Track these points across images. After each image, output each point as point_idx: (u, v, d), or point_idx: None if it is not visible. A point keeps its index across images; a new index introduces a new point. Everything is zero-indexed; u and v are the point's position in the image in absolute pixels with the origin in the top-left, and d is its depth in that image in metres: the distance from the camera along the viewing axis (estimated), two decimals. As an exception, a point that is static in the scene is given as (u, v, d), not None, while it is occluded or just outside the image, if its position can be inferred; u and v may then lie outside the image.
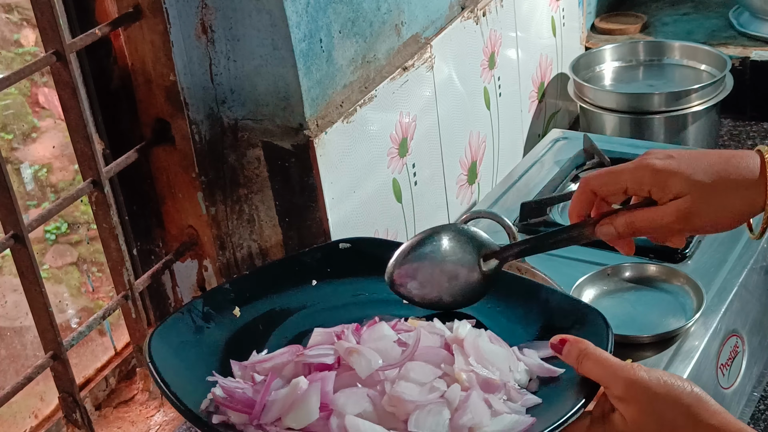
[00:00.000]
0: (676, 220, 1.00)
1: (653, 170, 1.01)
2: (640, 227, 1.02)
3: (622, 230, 1.03)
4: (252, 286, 1.20)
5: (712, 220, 1.02)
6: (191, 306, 1.15)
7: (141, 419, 1.41)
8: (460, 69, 1.73)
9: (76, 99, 1.25)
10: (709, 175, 0.99)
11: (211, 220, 1.48)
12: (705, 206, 0.99)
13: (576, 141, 1.87)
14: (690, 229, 1.03)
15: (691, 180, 0.99)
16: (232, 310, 1.16)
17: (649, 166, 1.01)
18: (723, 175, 0.99)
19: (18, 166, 1.39)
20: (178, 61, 1.38)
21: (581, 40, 2.26)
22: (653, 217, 1.02)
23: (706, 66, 2.06)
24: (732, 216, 1.02)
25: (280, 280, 1.21)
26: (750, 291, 1.50)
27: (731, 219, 1.02)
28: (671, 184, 1.00)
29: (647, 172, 1.01)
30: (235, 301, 1.17)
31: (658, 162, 1.01)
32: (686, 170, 1.00)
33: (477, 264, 1.12)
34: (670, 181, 1.00)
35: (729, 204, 1.00)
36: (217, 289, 1.22)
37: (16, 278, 1.23)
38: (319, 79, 1.40)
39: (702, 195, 0.99)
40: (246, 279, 1.24)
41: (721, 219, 1.02)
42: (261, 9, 1.33)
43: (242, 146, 1.44)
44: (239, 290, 1.19)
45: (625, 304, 1.44)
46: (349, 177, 1.47)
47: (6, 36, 1.38)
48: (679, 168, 1.00)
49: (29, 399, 1.34)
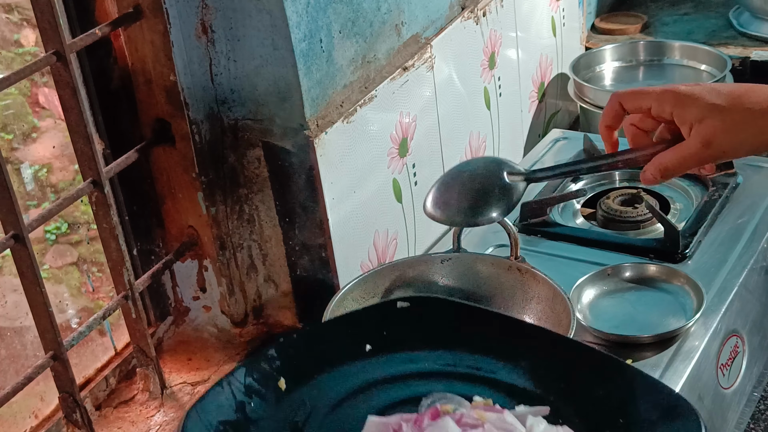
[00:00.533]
0: (701, 147, 1.04)
1: (676, 93, 1.06)
2: (671, 166, 1.07)
3: (657, 174, 1.08)
4: (299, 352, 1.06)
5: (733, 145, 1.05)
6: (232, 377, 1.01)
7: (141, 419, 1.41)
8: (461, 69, 1.73)
9: (76, 99, 1.25)
10: (727, 102, 1.04)
11: (211, 220, 1.48)
12: (723, 130, 1.03)
13: (576, 141, 1.87)
14: (715, 154, 1.06)
15: (709, 105, 1.04)
16: (278, 381, 1.03)
17: (674, 89, 1.07)
18: (739, 102, 1.04)
19: (18, 166, 1.39)
20: (178, 61, 1.38)
21: (581, 40, 2.26)
22: (680, 151, 1.06)
23: (706, 66, 2.06)
24: (749, 143, 1.05)
25: (330, 344, 1.07)
26: (750, 291, 1.50)
27: (749, 145, 1.06)
28: (691, 107, 1.05)
29: (671, 95, 1.06)
30: (281, 370, 1.04)
31: (682, 87, 1.07)
32: (706, 96, 1.05)
33: (501, 176, 1.15)
34: (691, 105, 1.05)
35: (745, 129, 1.04)
36: (260, 356, 1.06)
37: (16, 278, 1.23)
38: (319, 79, 1.40)
39: (720, 119, 1.03)
40: (293, 343, 1.08)
41: (739, 145, 1.06)
42: (261, 9, 1.33)
43: (242, 146, 1.44)
44: (285, 357, 1.05)
45: (625, 304, 1.44)
46: (349, 177, 1.47)
47: (6, 36, 1.38)
48: (701, 93, 1.05)
49: (29, 399, 1.34)
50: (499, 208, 1.13)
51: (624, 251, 1.54)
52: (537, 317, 1.28)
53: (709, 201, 1.63)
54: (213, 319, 1.56)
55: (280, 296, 1.54)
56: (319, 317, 1.24)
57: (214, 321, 1.56)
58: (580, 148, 1.82)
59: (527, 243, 1.59)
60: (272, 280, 1.53)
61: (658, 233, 1.59)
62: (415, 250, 1.66)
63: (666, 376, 1.31)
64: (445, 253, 1.36)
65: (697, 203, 1.64)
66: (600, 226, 1.65)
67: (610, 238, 1.58)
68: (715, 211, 1.60)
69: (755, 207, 1.62)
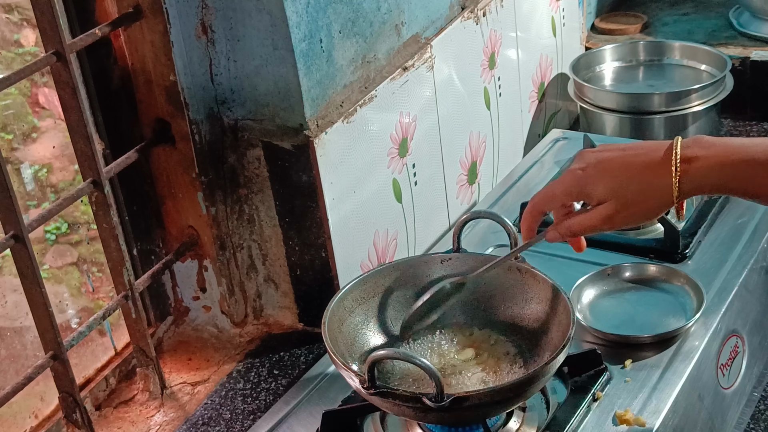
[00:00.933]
0: (602, 222, 1.13)
1: (577, 180, 1.13)
2: (577, 230, 1.16)
3: (564, 233, 1.17)
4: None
5: (634, 219, 1.14)
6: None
7: (141, 419, 1.41)
8: (460, 69, 1.73)
9: (76, 99, 1.25)
10: (626, 182, 1.10)
11: (211, 220, 1.48)
12: (624, 210, 1.11)
13: (576, 141, 1.87)
14: (616, 227, 1.14)
15: (610, 189, 1.11)
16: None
17: (574, 176, 1.13)
18: (638, 180, 1.10)
19: (18, 166, 1.39)
20: (178, 62, 1.38)
21: (581, 40, 2.26)
22: (583, 221, 1.14)
23: (706, 66, 2.06)
24: (648, 214, 1.13)
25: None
26: (750, 291, 1.50)
27: (648, 216, 1.13)
28: (593, 193, 1.12)
29: (573, 183, 1.13)
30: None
31: (580, 174, 1.13)
32: (607, 179, 1.11)
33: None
34: (593, 191, 1.12)
35: (645, 204, 1.11)
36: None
37: (16, 278, 1.23)
38: (319, 79, 1.40)
39: (621, 200, 1.11)
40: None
41: (640, 218, 1.14)
42: (261, 9, 1.33)
43: (242, 146, 1.44)
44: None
45: (625, 304, 1.44)
46: (349, 177, 1.47)
47: (6, 36, 1.38)
48: (600, 175, 1.12)
49: (29, 399, 1.34)
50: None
51: (624, 251, 1.54)
52: (537, 317, 1.28)
53: (709, 201, 1.62)
54: (213, 319, 1.56)
55: (280, 296, 1.54)
56: (319, 317, 1.24)
57: (214, 321, 1.56)
58: (580, 148, 1.81)
59: (527, 243, 1.59)
60: (272, 280, 1.53)
61: (658, 233, 1.59)
62: (415, 250, 1.66)
63: (666, 376, 1.31)
64: (445, 253, 1.36)
65: (697, 203, 1.64)
66: (600, 226, 1.64)
67: (610, 238, 1.58)
68: (715, 211, 1.60)
69: (755, 207, 1.62)
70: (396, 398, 1.12)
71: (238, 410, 1.41)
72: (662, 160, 1.08)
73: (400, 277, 1.34)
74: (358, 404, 1.28)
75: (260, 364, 1.50)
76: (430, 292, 1.29)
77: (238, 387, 1.46)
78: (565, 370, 1.29)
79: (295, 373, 1.47)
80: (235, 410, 1.41)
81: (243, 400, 1.43)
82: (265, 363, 1.50)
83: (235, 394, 1.44)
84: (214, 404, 1.43)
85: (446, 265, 1.35)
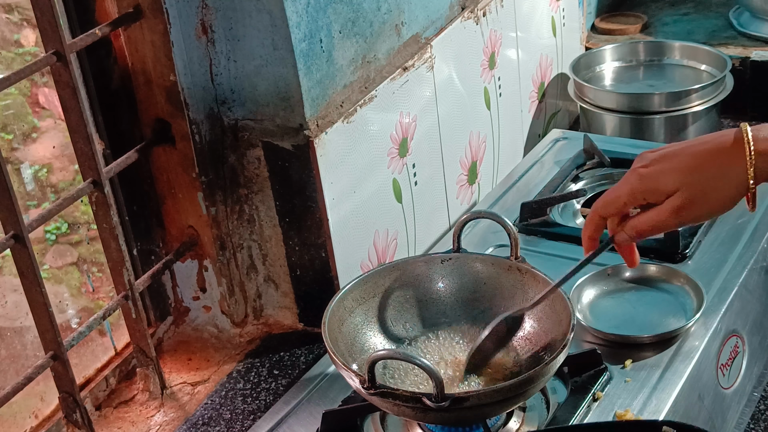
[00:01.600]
0: (672, 215, 1.07)
1: (642, 178, 1.08)
2: (644, 229, 1.10)
3: (631, 235, 1.12)
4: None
5: (706, 210, 1.08)
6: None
7: (141, 419, 1.41)
8: (461, 69, 1.73)
9: (76, 99, 1.25)
10: (696, 169, 1.05)
11: (211, 220, 1.48)
12: (696, 199, 1.06)
13: (576, 141, 1.87)
14: (687, 221, 1.09)
15: (680, 180, 1.06)
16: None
17: (638, 174, 1.08)
18: (709, 167, 1.05)
19: (18, 166, 1.39)
20: (178, 62, 1.38)
21: (581, 40, 2.26)
22: (651, 217, 1.08)
23: (707, 66, 2.06)
24: (723, 202, 1.07)
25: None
26: (750, 291, 1.50)
27: (723, 205, 1.07)
28: (662, 186, 1.07)
29: (639, 181, 1.08)
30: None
31: (644, 170, 1.08)
32: (675, 170, 1.06)
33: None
34: (660, 184, 1.07)
35: (718, 192, 1.05)
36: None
37: (16, 278, 1.23)
38: (320, 79, 1.40)
39: (692, 189, 1.05)
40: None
41: (713, 207, 1.08)
42: (261, 9, 1.33)
43: (242, 146, 1.44)
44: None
45: (625, 304, 1.44)
46: (349, 177, 1.47)
47: (6, 36, 1.38)
48: (667, 169, 1.06)
49: (29, 399, 1.34)
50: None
51: (624, 251, 1.54)
52: (537, 317, 1.28)
53: (709, 201, 1.62)
54: (213, 319, 1.56)
55: (280, 296, 1.54)
56: (318, 317, 1.24)
57: (214, 321, 1.56)
58: (580, 148, 1.81)
59: (527, 243, 1.59)
60: (272, 280, 1.53)
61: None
62: (415, 250, 1.66)
63: (666, 376, 1.31)
64: (445, 253, 1.36)
65: (697, 203, 1.64)
66: (600, 226, 1.65)
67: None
68: (715, 211, 1.60)
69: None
70: (396, 398, 1.12)
71: (238, 410, 1.41)
72: (733, 146, 1.03)
73: (400, 277, 1.34)
74: (358, 404, 1.28)
75: (260, 364, 1.50)
76: (489, 328, 1.25)
77: (238, 387, 1.46)
78: (565, 370, 1.29)
79: (295, 373, 1.47)
80: (235, 410, 1.41)
81: (243, 400, 1.43)
82: (265, 363, 1.50)
83: (235, 394, 1.44)
84: (214, 404, 1.43)
85: (446, 265, 1.35)
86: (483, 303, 1.34)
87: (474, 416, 1.17)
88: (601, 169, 1.78)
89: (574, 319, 1.20)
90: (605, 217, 1.14)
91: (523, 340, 1.29)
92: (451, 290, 1.35)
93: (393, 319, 1.33)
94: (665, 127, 1.94)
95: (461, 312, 1.34)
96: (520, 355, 1.27)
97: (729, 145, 1.04)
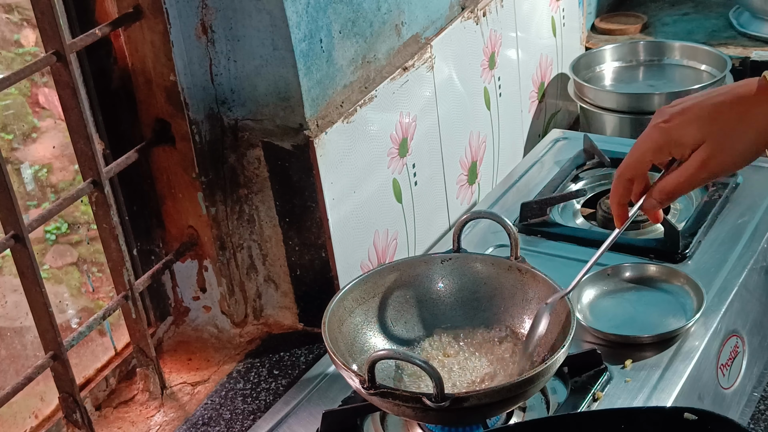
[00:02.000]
0: (699, 169, 1.06)
1: (664, 132, 1.06)
2: (672, 189, 1.09)
3: (660, 198, 1.11)
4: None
5: (732, 160, 1.07)
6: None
7: (141, 419, 1.41)
8: (461, 69, 1.73)
9: (76, 99, 1.25)
10: (719, 118, 1.04)
11: (211, 220, 1.48)
12: (723, 148, 1.05)
13: (576, 141, 1.87)
14: (716, 173, 1.08)
15: (704, 130, 1.04)
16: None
17: (660, 129, 1.07)
18: (731, 114, 1.04)
19: (18, 166, 1.39)
20: (178, 62, 1.38)
21: (581, 40, 2.26)
22: (678, 176, 1.08)
23: (706, 66, 2.06)
24: (748, 149, 1.06)
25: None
26: (750, 291, 1.50)
27: (748, 152, 1.06)
28: (686, 139, 1.05)
29: (661, 135, 1.07)
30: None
31: (665, 125, 1.07)
32: (698, 121, 1.05)
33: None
34: (684, 137, 1.05)
35: (743, 138, 1.04)
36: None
37: (16, 278, 1.23)
38: (319, 79, 1.40)
39: (717, 138, 1.04)
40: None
41: (739, 156, 1.07)
42: (261, 9, 1.33)
43: (242, 146, 1.44)
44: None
45: (625, 304, 1.44)
46: (349, 177, 1.47)
47: (6, 36, 1.38)
48: (689, 120, 1.05)
49: (29, 399, 1.34)
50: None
51: (624, 251, 1.54)
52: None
53: (709, 201, 1.62)
54: (213, 319, 1.56)
55: (280, 296, 1.54)
56: (319, 317, 1.24)
57: (214, 321, 1.56)
58: (580, 149, 1.81)
59: (527, 243, 1.59)
60: (272, 280, 1.53)
61: (658, 233, 1.59)
62: (415, 250, 1.66)
63: (666, 376, 1.31)
64: (445, 253, 1.36)
65: (697, 203, 1.64)
66: (600, 226, 1.65)
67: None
68: (715, 211, 1.60)
69: (755, 207, 1.62)
70: (396, 398, 1.12)
71: (238, 410, 1.41)
72: (755, 93, 1.02)
73: (400, 277, 1.34)
74: (358, 404, 1.28)
75: (260, 364, 1.50)
76: (541, 318, 1.24)
77: (238, 387, 1.46)
78: (565, 370, 1.29)
79: (295, 373, 1.47)
80: (235, 410, 1.41)
81: (243, 400, 1.43)
82: (265, 363, 1.50)
83: (235, 394, 1.44)
84: (214, 404, 1.43)
85: (446, 265, 1.35)
86: (483, 303, 1.34)
87: (474, 416, 1.18)
88: (601, 169, 1.78)
89: (574, 319, 1.20)
90: (632, 179, 1.12)
91: (523, 340, 1.29)
92: (451, 290, 1.35)
93: (393, 319, 1.33)
94: (665, 127, 1.94)
95: (461, 312, 1.34)
96: (519, 355, 1.27)
97: (750, 93, 1.03)
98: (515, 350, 1.28)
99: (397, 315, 1.33)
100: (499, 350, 1.29)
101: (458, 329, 1.33)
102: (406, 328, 1.33)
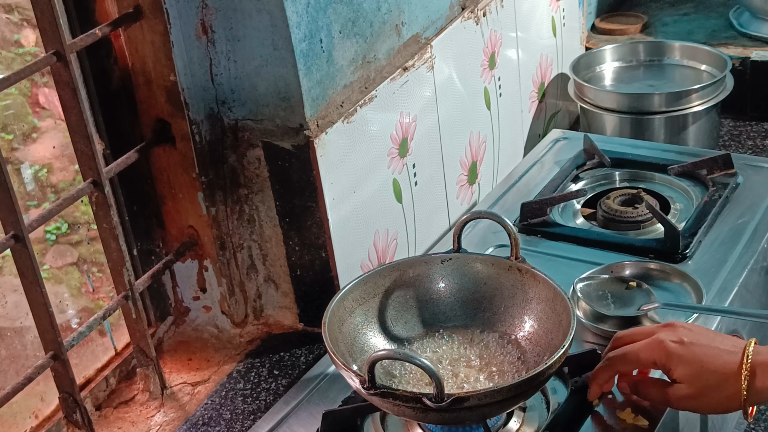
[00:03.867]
0: (678, 401, 1.18)
1: (667, 354, 1.17)
2: (647, 394, 1.22)
3: (636, 393, 1.23)
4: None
5: (702, 409, 1.22)
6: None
7: (141, 419, 1.41)
8: (461, 69, 1.73)
9: (76, 99, 1.25)
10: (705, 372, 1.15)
11: (212, 220, 1.48)
12: (698, 398, 1.16)
13: (576, 141, 1.87)
14: (687, 410, 1.21)
15: (690, 374, 1.16)
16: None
17: (666, 348, 1.17)
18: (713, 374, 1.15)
19: (18, 166, 1.39)
20: (179, 62, 1.38)
21: (581, 41, 2.26)
22: (662, 394, 1.19)
23: (707, 66, 2.06)
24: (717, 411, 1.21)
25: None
26: (750, 291, 1.50)
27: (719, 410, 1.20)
28: (675, 372, 1.16)
29: (662, 355, 1.17)
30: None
31: (673, 347, 1.17)
32: (691, 364, 1.16)
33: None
34: (676, 369, 1.16)
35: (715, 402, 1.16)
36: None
37: (17, 278, 1.23)
38: (320, 79, 1.40)
39: (697, 388, 1.15)
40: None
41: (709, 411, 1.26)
42: (261, 9, 1.33)
43: (242, 146, 1.44)
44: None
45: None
46: (349, 177, 1.47)
47: (6, 36, 1.38)
48: (687, 360, 1.16)
49: (29, 399, 1.34)
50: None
51: (624, 251, 1.54)
52: (537, 317, 1.28)
53: (709, 201, 1.62)
54: (213, 319, 1.56)
55: (280, 296, 1.54)
56: (319, 317, 1.24)
57: (214, 321, 1.56)
58: (580, 149, 1.82)
59: (527, 243, 1.59)
60: (272, 280, 1.54)
61: (658, 233, 1.59)
62: (415, 250, 1.66)
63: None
64: (445, 253, 1.36)
65: (697, 203, 1.64)
66: (600, 226, 1.65)
67: (610, 238, 1.58)
68: (715, 211, 1.60)
69: (755, 207, 1.62)
70: (396, 398, 1.12)
71: (238, 410, 1.41)
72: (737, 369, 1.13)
73: (400, 277, 1.34)
74: (358, 404, 1.28)
75: (260, 364, 1.50)
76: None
77: (238, 387, 1.46)
78: (565, 370, 1.29)
79: (295, 374, 1.47)
80: (235, 410, 1.41)
81: (243, 400, 1.43)
82: (265, 363, 1.50)
83: (235, 394, 1.44)
84: (214, 404, 1.43)
85: (446, 265, 1.35)
86: (483, 303, 1.34)
87: (474, 416, 1.17)
88: (601, 169, 1.78)
89: (574, 319, 1.20)
90: (619, 372, 1.23)
91: (523, 340, 1.29)
92: (451, 290, 1.35)
93: (393, 319, 1.33)
94: (665, 127, 1.94)
95: (461, 312, 1.34)
96: (519, 355, 1.27)
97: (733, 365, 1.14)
98: (515, 350, 1.28)
99: (397, 315, 1.33)
100: (499, 350, 1.29)
101: (458, 329, 1.33)
102: (406, 328, 1.33)
